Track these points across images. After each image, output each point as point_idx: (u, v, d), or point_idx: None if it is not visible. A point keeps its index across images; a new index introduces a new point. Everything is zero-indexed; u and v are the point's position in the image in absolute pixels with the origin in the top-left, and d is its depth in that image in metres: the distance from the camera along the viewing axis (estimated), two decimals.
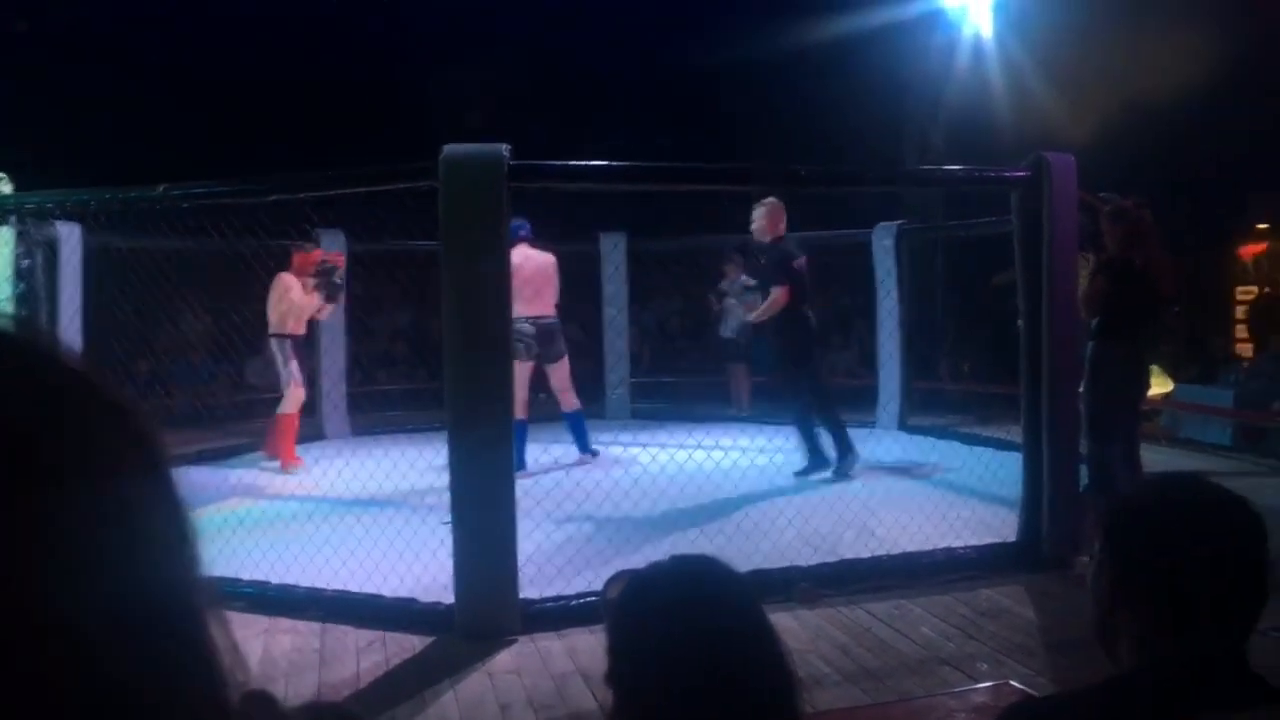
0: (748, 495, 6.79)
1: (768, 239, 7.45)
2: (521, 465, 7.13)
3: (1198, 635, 1.25)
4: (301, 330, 8.16)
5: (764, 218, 7.37)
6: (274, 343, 8.02)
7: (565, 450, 7.91)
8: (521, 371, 6.95)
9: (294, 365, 8.03)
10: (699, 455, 6.77)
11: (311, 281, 8.04)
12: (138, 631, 0.46)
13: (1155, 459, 7.31)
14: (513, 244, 7.07)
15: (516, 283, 6.58)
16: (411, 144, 5.11)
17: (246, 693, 0.53)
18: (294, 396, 8.04)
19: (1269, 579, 1.28)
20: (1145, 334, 5.98)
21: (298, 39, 13.10)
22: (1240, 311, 13.75)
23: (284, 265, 8.02)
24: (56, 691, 0.43)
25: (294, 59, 13.33)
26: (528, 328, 7.19)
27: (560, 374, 7.81)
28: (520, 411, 7.09)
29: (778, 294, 7.18)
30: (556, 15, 13.58)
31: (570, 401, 7.98)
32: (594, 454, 8.06)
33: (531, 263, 7.29)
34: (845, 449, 7.30)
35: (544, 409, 8.52)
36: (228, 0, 12.47)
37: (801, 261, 7.40)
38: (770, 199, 7.38)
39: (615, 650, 1.22)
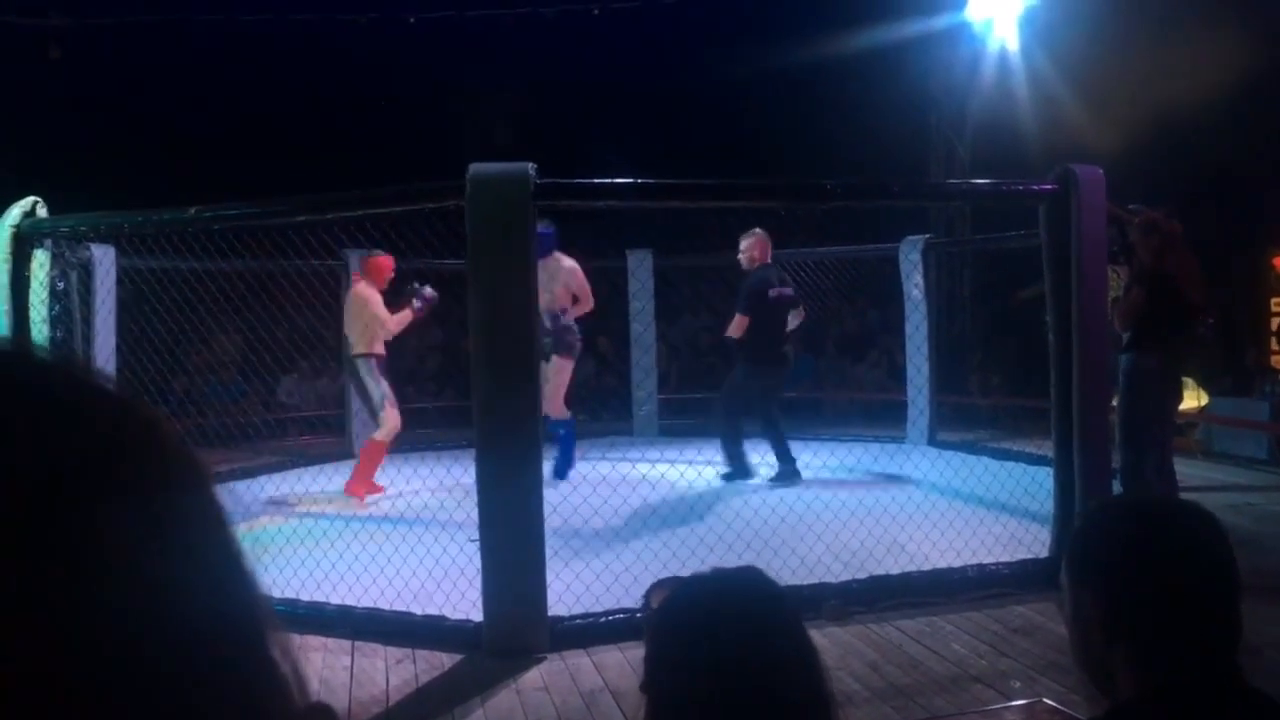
0: (776, 510, 6.76)
1: (755, 267, 7.68)
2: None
3: (1195, 657, 1.23)
4: (382, 349, 7.26)
5: (752, 248, 7.63)
6: (360, 364, 7.17)
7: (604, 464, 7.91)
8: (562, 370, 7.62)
9: (385, 386, 7.21)
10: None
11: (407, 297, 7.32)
12: (204, 654, 0.45)
13: (1190, 473, 7.22)
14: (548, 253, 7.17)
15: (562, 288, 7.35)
16: (439, 164, 5.14)
17: (309, 706, 0.53)
18: (391, 421, 7.25)
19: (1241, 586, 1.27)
20: (1178, 345, 5.92)
21: (325, 61, 13.24)
22: (1275, 323, 13.54)
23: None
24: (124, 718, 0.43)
25: (322, 81, 13.48)
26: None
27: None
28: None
29: (737, 320, 7.51)
30: (581, 31, 13.65)
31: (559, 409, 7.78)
32: None
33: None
34: (786, 460, 7.84)
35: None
36: (256, 22, 12.62)
37: (780, 291, 7.58)
38: (757, 230, 7.64)
39: (654, 659, 1.21)
